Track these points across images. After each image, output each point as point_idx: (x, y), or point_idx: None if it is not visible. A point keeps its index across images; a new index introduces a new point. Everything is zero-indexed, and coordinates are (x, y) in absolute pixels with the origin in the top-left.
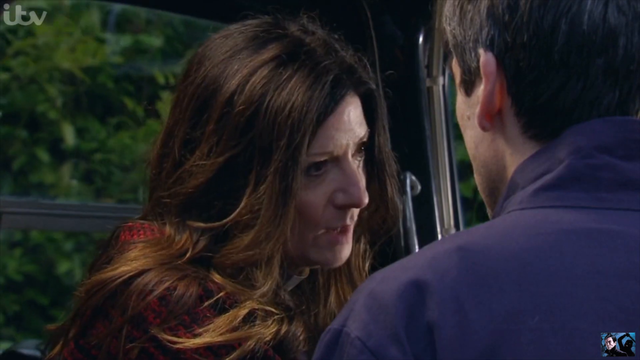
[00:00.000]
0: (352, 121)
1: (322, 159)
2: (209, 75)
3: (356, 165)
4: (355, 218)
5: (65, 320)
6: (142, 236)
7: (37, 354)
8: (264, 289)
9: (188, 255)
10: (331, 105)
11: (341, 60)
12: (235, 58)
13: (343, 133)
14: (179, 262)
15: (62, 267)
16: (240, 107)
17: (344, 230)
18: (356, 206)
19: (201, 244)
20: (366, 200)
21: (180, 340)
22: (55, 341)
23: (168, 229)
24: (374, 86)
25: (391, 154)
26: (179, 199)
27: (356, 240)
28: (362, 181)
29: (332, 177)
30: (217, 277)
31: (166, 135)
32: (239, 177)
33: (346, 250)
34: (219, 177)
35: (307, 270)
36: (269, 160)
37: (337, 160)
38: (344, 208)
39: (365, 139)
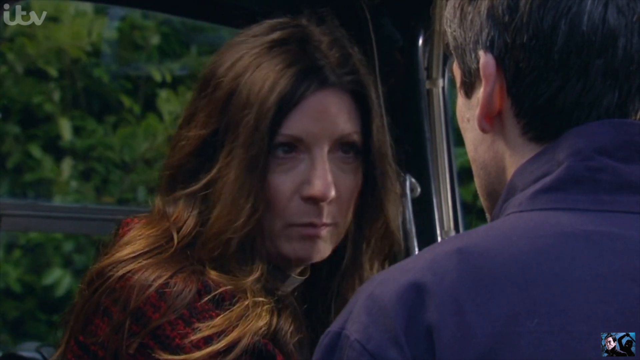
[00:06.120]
0: (330, 113)
1: (288, 140)
2: (214, 64)
3: (337, 164)
4: (330, 221)
5: (64, 317)
6: (136, 222)
7: (37, 356)
8: (254, 275)
9: (182, 228)
10: (303, 89)
11: (337, 54)
12: (238, 46)
13: (316, 122)
14: (173, 243)
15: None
16: (225, 85)
17: (313, 226)
18: (319, 199)
19: (191, 221)
20: (331, 194)
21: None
22: (58, 341)
23: (160, 205)
24: (367, 88)
25: (392, 163)
26: (170, 171)
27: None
28: (329, 176)
29: (302, 167)
30: (212, 273)
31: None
32: (217, 150)
33: (321, 247)
34: (202, 149)
35: (307, 271)
36: (238, 132)
37: (309, 151)
38: (309, 201)
39: (352, 139)
